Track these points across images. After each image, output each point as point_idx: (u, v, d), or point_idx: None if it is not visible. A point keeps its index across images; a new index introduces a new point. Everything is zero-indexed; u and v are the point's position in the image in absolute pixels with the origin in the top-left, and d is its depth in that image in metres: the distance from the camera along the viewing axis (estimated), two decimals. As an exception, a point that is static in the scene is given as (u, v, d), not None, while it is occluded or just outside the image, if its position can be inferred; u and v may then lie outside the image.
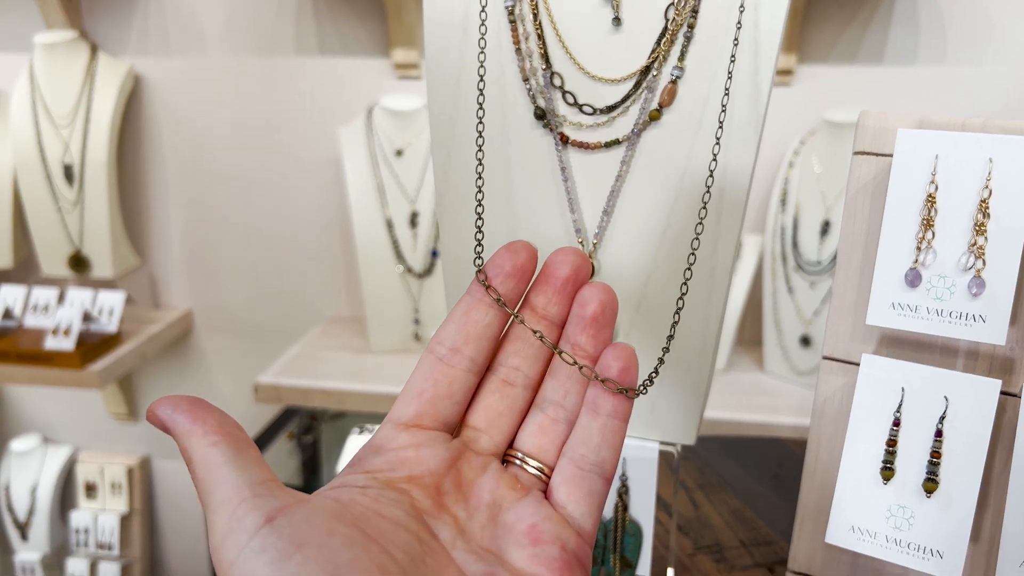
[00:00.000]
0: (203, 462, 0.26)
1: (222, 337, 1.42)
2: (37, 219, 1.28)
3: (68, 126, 1.26)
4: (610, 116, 0.45)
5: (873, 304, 0.39)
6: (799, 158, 1.18)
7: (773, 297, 1.21)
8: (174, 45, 1.29)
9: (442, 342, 0.32)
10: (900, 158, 0.39)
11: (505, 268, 0.32)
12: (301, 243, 1.35)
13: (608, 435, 0.31)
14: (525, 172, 0.46)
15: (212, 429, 0.27)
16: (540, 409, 0.32)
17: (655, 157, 0.45)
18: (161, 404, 0.27)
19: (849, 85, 1.20)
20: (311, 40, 1.27)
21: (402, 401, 0.31)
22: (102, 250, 1.29)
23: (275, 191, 1.33)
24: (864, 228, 0.42)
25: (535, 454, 0.32)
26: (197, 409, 0.27)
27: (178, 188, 1.36)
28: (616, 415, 0.31)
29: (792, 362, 1.20)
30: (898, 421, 0.39)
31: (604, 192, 0.46)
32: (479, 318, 0.32)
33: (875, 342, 0.41)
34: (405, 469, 0.29)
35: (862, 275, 0.42)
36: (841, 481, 0.40)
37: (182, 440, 0.27)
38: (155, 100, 1.32)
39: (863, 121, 0.42)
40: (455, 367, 0.32)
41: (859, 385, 0.40)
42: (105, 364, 1.20)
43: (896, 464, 0.39)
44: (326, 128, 1.29)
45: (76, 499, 1.46)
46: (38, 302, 1.26)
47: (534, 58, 0.45)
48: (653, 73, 0.44)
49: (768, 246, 1.20)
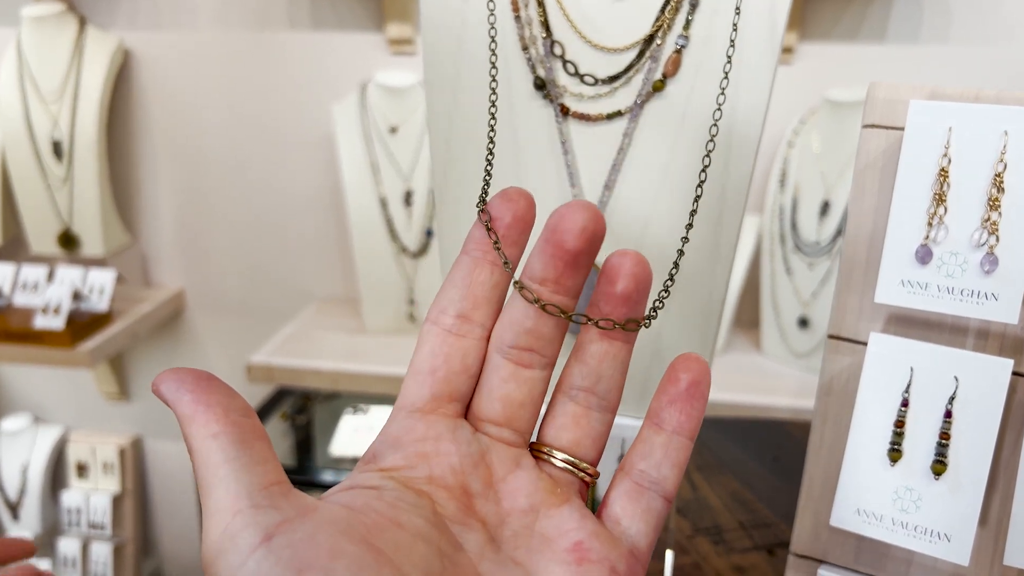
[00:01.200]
0: (201, 457, 0.23)
1: (214, 316, 1.40)
2: (26, 196, 1.26)
3: (57, 101, 1.24)
4: (612, 87, 0.44)
5: (882, 282, 0.38)
6: (799, 138, 1.17)
7: (771, 278, 1.20)
8: (164, 18, 1.26)
9: (445, 310, 0.28)
10: (912, 131, 0.38)
11: (505, 220, 0.28)
12: (295, 221, 1.34)
13: (671, 452, 0.27)
14: (523, 145, 0.45)
15: (215, 417, 0.24)
16: (568, 397, 0.28)
17: (659, 129, 0.43)
18: (165, 379, 0.24)
19: (851, 63, 1.18)
20: (304, 14, 1.24)
21: (413, 383, 0.28)
22: (92, 227, 1.27)
23: (268, 168, 1.32)
24: (873, 204, 0.41)
25: (570, 449, 0.28)
26: (201, 390, 0.24)
27: (169, 164, 1.34)
28: (682, 431, 0.27)
29: (790, 344, 1.19)
30: (906, 402, 0.38)
31: (606, 165, 0.45)
32: (484, 278, 0.28)
33: (882, 320, 0.40)
34: (425, 467, 0.26)
35: (870, 252, 0.40)
36: (847, 463, 0.39)
37: (183, 426, 0.24)
38: (145, 75, 1.30)
39: (873, 93, 0.41)
40: (467, 337, 0.28)
41: (866, 364, 0.39)
42: (96, 343, 1.18)
43: (904, 445, 0.38)
44: (319, 104, 1.27)
45: (67, 479, 1.45)
46: (27, 280, 1.25)
47: (534, 26, 0.44)
48: (657, 42, 0.42)
49: (766, 227, 1.19)
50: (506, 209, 0.28)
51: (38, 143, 1.24)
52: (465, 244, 0.28)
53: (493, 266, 0.28)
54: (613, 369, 0.28)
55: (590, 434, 0.28)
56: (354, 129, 1.19)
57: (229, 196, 1.34)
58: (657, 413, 0.27)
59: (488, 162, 0.34)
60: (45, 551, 1.43)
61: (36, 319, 1.18)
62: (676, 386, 0.27)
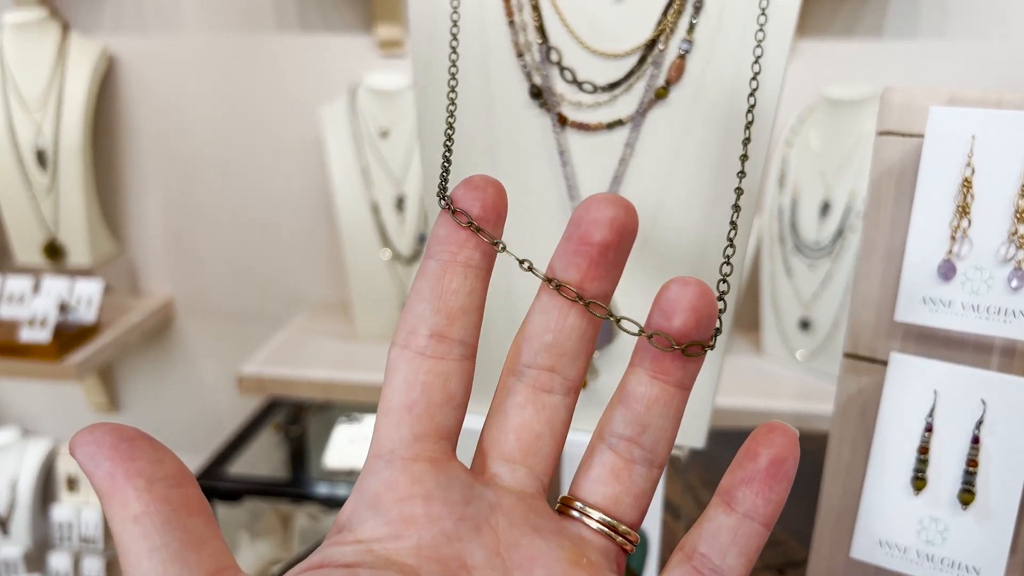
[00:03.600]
0: (123, 546, 0.19)
1: (205, 324, 1.38)
2: (10, 206, 1.23)
3: (40, 109, 1.21)
4: (612, 94, 0.41)
5: (902, 299, 0.36)
6: (797, 136, 1.15)
7: (771, 279, 1.18)
8: (149, 22, 1.24)
9: (415, 330, 0.23)
10: (932, 139, 0.35)
11: (473, 211, 0.23)
12: (284, 226, 1.31)
13: (741, 539, 0.22)
14: (519, 156, 0.43)
15: (136, 493, 0.19)
16: (608, 446, 0.24)
17: (662, 138, 0.41)
18: (80, 442, 0.20)
19: (849, 60, 1.16)
20: (292, 16, 1.22)
21: (387, 423, 0.23)
22: (78, 237, 1.24)
23: (256, 173, 1.29)
24: (889, 215, 0.38)
25: (608, 508, 0.23)
26: (121, 456, 0.20)
27: (156, 171, 1.31)
28: (756, 515, 0.22)
29: (791, 345, 1.17)
30: (930, 426, 0.36)
31: (607, 177, 0.42)
32: (457, 285, 0.23)
33: (900, 338, 0.38)
34: (412, 535, 0.21)
35: (887, 265, 0.38)
36: (867, 491, 0.37)
37: (101, 502, 0.19)
38: (130, 80, 1.27)
39: (888, 98, 0.39)
40: (446, 359, 0.23)
41: (887, 387, 0.37)
42: (83, 356, 1.16)
43: (928, 473, 0.36)
44: (308, 108, 1.24)
45: (58, 493, 1.42)
46: (13, 292, 1.22)
47: (528, 31, 0.41)
48: (659, 47, 0.40)
49: (766, 227, 1.17)
50: (473, 199, 0.23)
51: (21, 152, 1.22)
52: (428, 247, 0.24)
53: (467, 268, 0.23)
54: (664, 419, 0.23)
55: (632, 491, 0.24)
56: (344, 133, 1.17)
57: (218, 202, 1.31)
58: (729, 491, 0.23)
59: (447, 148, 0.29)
60: (36, 566, 1.41)
61: (22, 332, 1.15)
62: (755, 463, 0.22)
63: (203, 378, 1.41)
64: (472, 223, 0.23)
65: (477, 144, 0.43)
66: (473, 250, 0.23)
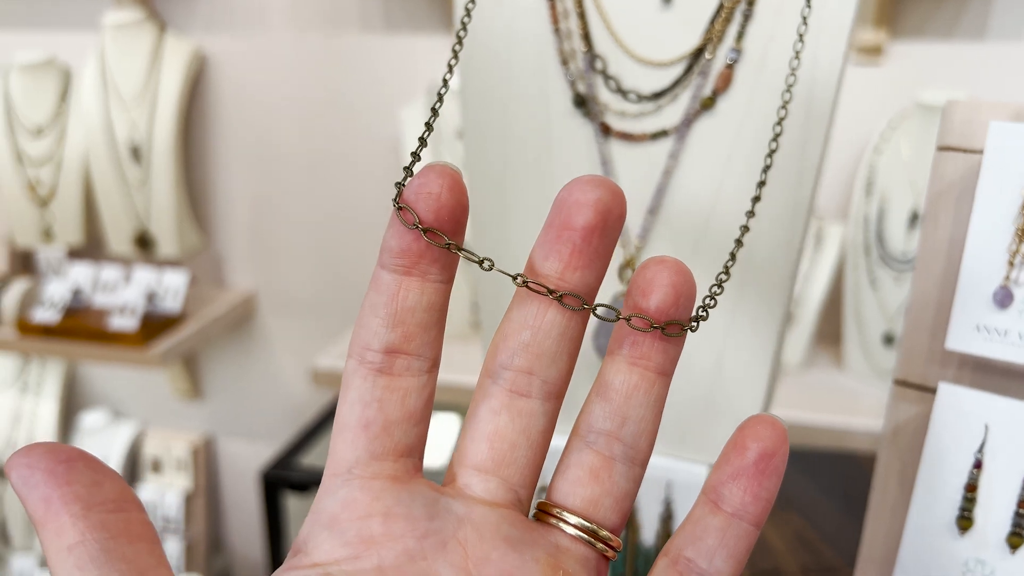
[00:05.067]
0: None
1: (284, 317, 1.42)
2: (106, 198, 1.29)
3: (136, 107, 1.26)
4: (657, 104, 0.40)
5: (954, 326, 0.34)
6: (887, 143, 1.10)
7: (855, 291, 1.13)
8: (239, 22, 1.28)
9: (369, 345, 0.21)
10: (992, 156, 0.33)
11: (428, 214, 0.21)
12: (363, 224, 1.33)
13: (729, 540, 0.21)
14: (559, 165, 0.42)
15: (71, 519, 0.18)
16: (586, 443, 0.22)
17: (707, 150, 0.40)
18: (16, 463, 0.18)
19: (946, 64, 1.11)
20: (376, 16, 1.24)
21: (342, 441, 0.21)
22: (167, 229, 1.29)
23: (338, 172, 1.32)
24: (947, 236, 0.36)
25: (586, 512, 0.22)
26: (56, 480, 0.18)
27: (242, 168, 1.35)
28: (745, 514, 0.21)
29: (874, 361, 1.12)
30: (980, 463, 0.33)
31: (650, 189, 0.41)
32: (413, 301, 0.21)
33: (954, 367, 0.36)
34: (373, 555, 0.20)
35: (942, 290, 0.36)
36: (910, 528, 0.35)
37: (36, 530, 0.18)
38: (220, 79, 1.31)
39: (949, 112, 0.36)
40: (403, 375, 0.21)
41: (934, 418, 0.34)
42: (167, 345, 1.20)
43: (976, 513, 0.33)
44: (389, 108, 1.26)
45: (143, 474, 1.48)
46: (107, 281, 1.28)
47: (574, 39, 0.41)
48: (707, 56, 0.39)
49: (850, 237, 1.13)
50: (427, 200, 0.20)
51: (118, 147, 1.27)
52: (380, 255, 0.21)
53: (424, 281, 0.21)
54: (644, 408, 0.22)
55: (612, 492, 0.22)
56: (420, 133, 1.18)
57: (300, 199, 1.34)
58: (716, 488, 0.21)
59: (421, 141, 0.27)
60: (122, 543, 1.47)
61: (112, 320, 1.20)
62: (742, 457, 0.21)
63: (282, 370, 1.44)
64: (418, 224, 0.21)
65: (525, 151, 0.43)
66: (430, 263, 0.21)
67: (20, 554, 1.44)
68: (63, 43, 1.34)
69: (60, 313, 1.24)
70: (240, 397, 1.48)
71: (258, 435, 1.48)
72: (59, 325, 1.22)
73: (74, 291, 1.27)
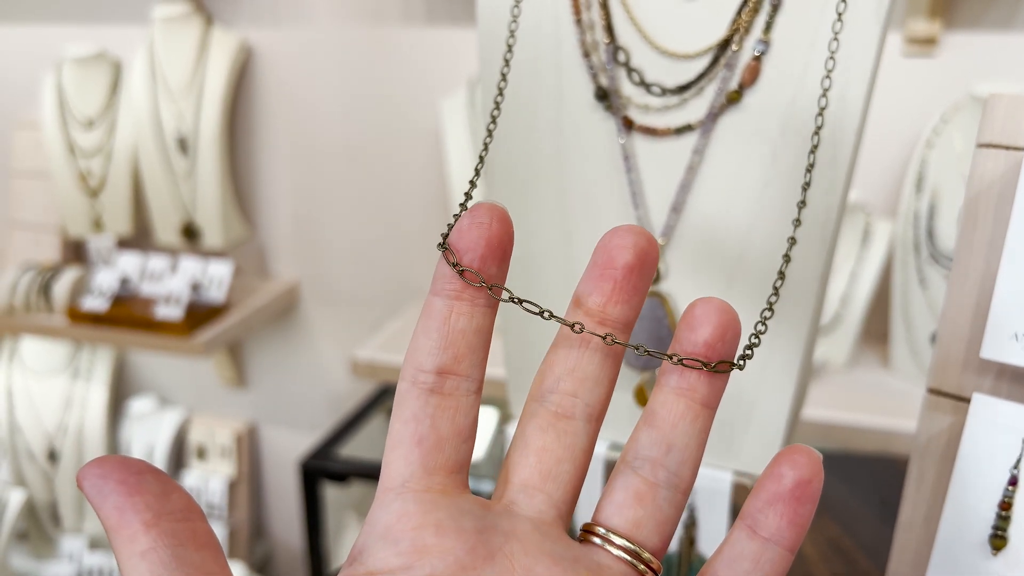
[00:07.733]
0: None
1: (327, 308, 1.43)
2: (153, 188, 1.31)
3: (183, 99, 1.28)
4: (682, 97, 0.39)
5: (990, 333, 0.32)
6: (939, 137, 1.06)
7: (903, 289, 1.10)
8: (283, 16, 1.28)
9: (423, 367, 0.23)
10: (1033, 154, 0.31)
11: (479, 248, 0.23)
12: (404, 216, 1.34)
13: (764, 565, 0.22)
14: (582, 161, 0.41)
15: (143, 527, 0.19)
16: (632, 469, 0.23)
17: (733, 145, 0.39)
18: (88, 473, 0.20)
19: (1004, 55, 1.06)
20: (419, 9, 1.23)
21: (396, 457, 0.23)
22: (213, 220, 1.31)
23: (380, 164, 1.32)
24: (986, 238, 0.34)
25: (630, 533, 0.23)
26: (128, 489, 0.20)
27: (287, 160, 1.36)
28: (780, 540, 0.22)
29: (921, 361, 1.09)
30: (1015, 479, 0.32)
31: (674, 185, 0.40)
32: (464, 324, 0.23)
33: (991, 378, 0.34)
34: (425, 564, 0.21)
35: (980, 294, 0.34)
36: (939, 546, 0.33)
37: (108, 536, 0.20)
38: (265, 72, 1.32)
39: (991, 106, 0.34)
40: (453, 395, 0.23)
41: (967, 431, 0.33)
42: (211, 334, 1.22)
43: (1010, 532, 0.32)
44: (431, 100, 1.26)
45: (188, 460, 1.51)
46: (154, 271, 1.30)
47: (596, 30, 0.40)
48: (733, 47, 0.37)
49: (899, 234, 1.09)
50: (477, 237, 0.23)
51: (166, 138, 1.29)
52: (434, 282, 0.24)
53: (473, 306, 0.23)
54: (689, 437, 0.23)
55: (655, 516, 0.23)
56: (461, 126, 1.17)
57: (343, 191, 1.35)
58: (752, 514, 0.22)
59: (476, 172, 0.29)
60: (168, 528, 1.50)
61: (158, 309, 1.22)
62: (778, 484, 0.22)
63: (323, 361, 1.45)
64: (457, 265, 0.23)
65: (544, 145, 0.42)
66: (478, 291, 0.23)
67: (70, 535, 1.48)
68: (113, 37, 1.36)
69: (108, 302, 1.26)
70: (283, 386, 1.49)
71: (299, 424, 1.50)
72: (107, 313, 1.24)
73: (122, 280, 1.29)
